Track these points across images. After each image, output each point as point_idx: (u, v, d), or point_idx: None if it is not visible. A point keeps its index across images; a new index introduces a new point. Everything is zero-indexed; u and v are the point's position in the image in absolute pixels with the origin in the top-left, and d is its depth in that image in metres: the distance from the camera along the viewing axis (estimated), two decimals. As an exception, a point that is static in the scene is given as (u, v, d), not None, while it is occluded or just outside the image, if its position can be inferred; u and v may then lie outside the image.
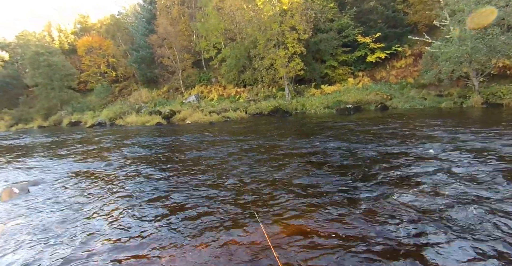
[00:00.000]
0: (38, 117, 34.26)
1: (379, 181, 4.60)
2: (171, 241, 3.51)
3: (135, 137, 14.78)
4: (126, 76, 36.76)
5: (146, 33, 30.79)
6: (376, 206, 3.66)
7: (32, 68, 34.49)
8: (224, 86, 26.51)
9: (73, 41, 41.92)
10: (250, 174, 5.92)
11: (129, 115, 24.41)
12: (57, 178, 7.53)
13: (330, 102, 17.74)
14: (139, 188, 5.91)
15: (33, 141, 17.75)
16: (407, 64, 19.30)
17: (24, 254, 3.73)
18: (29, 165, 10.04)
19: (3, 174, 8.96)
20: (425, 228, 3.03)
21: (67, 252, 3.58)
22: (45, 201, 5.69)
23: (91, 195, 5.76)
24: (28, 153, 13.16)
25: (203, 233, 3.60)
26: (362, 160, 5.97)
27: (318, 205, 3.97)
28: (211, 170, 6.59)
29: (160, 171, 7.07)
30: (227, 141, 10.69)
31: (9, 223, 4.83)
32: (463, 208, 3.34)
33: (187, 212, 4.36)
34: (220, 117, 19.14)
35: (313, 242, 3.01)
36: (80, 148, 12.89)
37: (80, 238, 3.92)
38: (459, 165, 4.96)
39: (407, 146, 6.81)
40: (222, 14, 26.51)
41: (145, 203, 5.01)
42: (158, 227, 3.97)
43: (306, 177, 5.23)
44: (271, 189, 4.89)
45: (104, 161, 9.11)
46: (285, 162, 6.55)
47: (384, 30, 19.70)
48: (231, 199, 4.68)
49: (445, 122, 9.71)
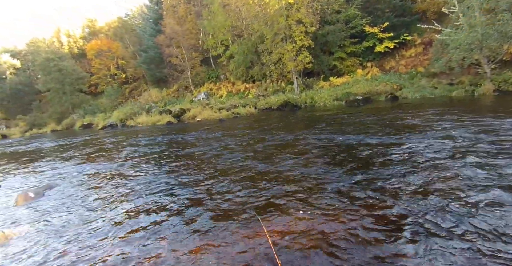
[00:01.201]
0: (51, 121, 35.29)
1: (399, 177, 4.44)
2: (182, 239, 3.57)
3: (146, 137, 15.02)
4: (136, 77, 37.38)
5: (153, 33, 31.23)
6: (390, 211, 3.49)
7: (43, 74, 35.55)
8: (233, 82, 26.70)
9: (82, 45, 42.86)
10: (260, 170, 5.94)
11: (139, 115, 24.92)
12: (71, 181, 7.64)
13: (339, 95, 17.67)
14: (151, 188, 5.96)
15: (47, 145, 18.21)
16: (417, 53, 19.07)
17: (40, 256, 3.80)
18: (44, 169, 10.24)
19: (18, 179, 9.16)
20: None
21: (82, 253, 3.66)
22: (59, 204, 5.79)
23: (105, 196, 5.85)
24: (42, 157, 13.40)
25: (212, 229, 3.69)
26: (373, 154, 5.88)
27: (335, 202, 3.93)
28: (220, 167, 6.63)
29: (171, 170, 7.14)
30: (236, 137, 10.74)
31: (25, 226, 4.92)
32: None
33: (199, 208, 4.45)
34: (230, 113, 19.29)
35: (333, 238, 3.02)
36: (92, 150, 13.09)
37: (94, 239, 3.99)
38: (484, 156, 4.78)
39: (418, 138, 6.67)
40: (228, 10, 26.66)
41: (158, 202, 5.06)
42: (171, 227, 4.00)
43: (318, 173, 5.15)
44: (281, 185, 4.87)
45: (116, 161, 9.27)
46: (294, 157, 6.55)
47: (392, 19, 19.50)
48: (242, 194, 4.74)
49: (456, 111, 9.62)
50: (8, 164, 12.78)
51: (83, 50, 41.25)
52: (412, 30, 19.49)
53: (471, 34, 13.60)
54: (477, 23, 13.47)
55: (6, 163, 13.12)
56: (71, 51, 42.32)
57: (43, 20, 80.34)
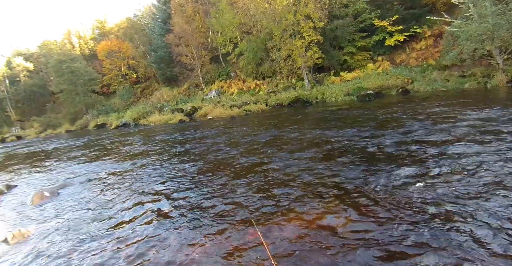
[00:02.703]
0: (65, 122, 35.74)
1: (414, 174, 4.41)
2: (194, 237, 3.68)
3: (159, 135, 15.09)
4: (147, 76, 37.77)
5: (162, 33, 31.61)
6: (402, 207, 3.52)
7: (56, 75, 36.08)
8: (243, 80, 26.96)
9: (93, 47, 43.27)
10: (272, 166, 6.03)
11: (152, 114, 25.07)
12: (85, 180, 7.76)
13: (350, 90, 17.66)
14: (163, 186, 6.04)
15: (62, 145, 18.44)
16: (428, 45, 19.04)
17: (55, 253, 3.90)
18: (58, 168, 10.39)
19: (34, 178, 9.32)
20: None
21: (96, 250, 3.76)
22: (74, 203, 5.91)
23: (118, 195, 5.93)
24: (57, 157, 13.58)
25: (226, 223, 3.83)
26: (386, 150, 5.87)
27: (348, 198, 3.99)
28: (233, 164, 6.72)
29: (183, 168, 7.22)
30: (248, 134, 10.81)
31: (41, 224, 5.05)
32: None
33: (211, 206, 4.54)
34: (241, 111, 19.40)
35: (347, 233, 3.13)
36: (105, 149, 13.27)
37: (108, 237, 4.08)
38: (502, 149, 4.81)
39: (434, 131, 6.67)
40: (236, 8, 26.90)
41: (169, 200, 5.16)
42: (184, 224, 4.09)
43: (334, 170, 5.16)
44: (294, 181, 4.95)
45: (129, 160, 9.39)
46: (307, 153, 6.60)
47: (401, 12, 19.48)
48: (255, 190, 4.83)
49: (469, 103, 9.67)
50: (24, 164, 13.08)
51: (94, 51, 41.67)
52: (422, 23, 19.43)
53: (482, 25, 13.50)
54: (488, 14, 13.38)
55: (22, 163, 13.40)
56: (82, 52, 42.91)
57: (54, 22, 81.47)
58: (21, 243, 4.39)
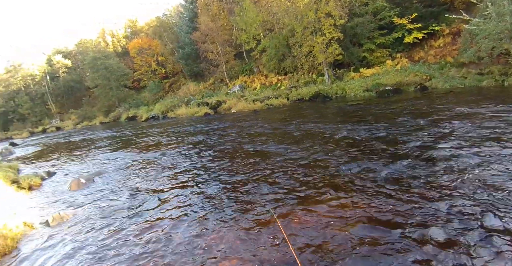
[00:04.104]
0: (100, 114, 38.04)
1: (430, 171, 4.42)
2: (221, 221, 3.88)
3: (185, 127, 15.45)
4: (175, 72, 39.15)
5: (189, 31, 32.81)
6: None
7: (91, 71, 38.19)
8: (265, 75, 27.61)
9: (125, 44, 45.19)
10: (295, 157, 6.14)
11: (179, 108, 26.18)
12: (118, 168, 8.02)
13: (369, 85, 17.89)
14: (188, 174, 6.24)
15: (96, 136, 19.46)
16: (446, 43, 19.09)
17: (92, 235, 4.09)
18: (94, 157, 10.81)
19: (72, 166, 9.76)
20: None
21: (129, 232, 3.97)
22: (108, 189, 6.13)
23: (149, 182, 6.14)
24: (92, 146, 14.15)
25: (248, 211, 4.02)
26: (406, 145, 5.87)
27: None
28: (256, 156, 6.81)
29: (209, 158, 7.40)
30: (269, 126, 10.93)
31: (78, 209, 5.29)
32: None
33: (235, 193, 4.74)
34: (263, 105, 19.84)
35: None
36: (136, 140, 13.63)
37: (140, 221, 4.27)
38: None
39: (454, 126, 6.66)
40: (259, 6, 27.64)
41: (194, 187, 5.35)
42: (211, 211, 4.23)
43: (359, 164, 5.16)
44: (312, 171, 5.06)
45: (158, 151, 9.59)
46: (328, 146, 6.66)
47: (420, 9, 19.60)
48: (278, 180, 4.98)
49: (488, 101, 9.63)
50: (63, 152, 13.78)
51: (126, 49, 43.47)
52: (440, 20, 19.44)
53: (500, 24, 13.56)
54: (506, 12, 13.39)
55: (61, 152, 14.14)
56: (115, 50, 44.92)
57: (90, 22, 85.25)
58: (60, 225, 4.63)
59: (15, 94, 45.64)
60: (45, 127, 39.63)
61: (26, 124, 44.48)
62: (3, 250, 4.02)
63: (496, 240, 2.74)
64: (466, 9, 16.35)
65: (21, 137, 36.07)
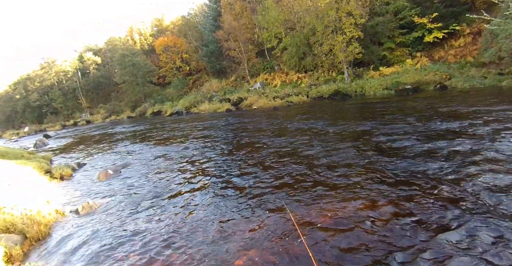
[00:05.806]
0: (127, 109, 39.67)
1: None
2: (233, 214, 3.90)
3: (208, 122, 15.67)
4: (198, 69, 40.32)
5: (213, 29, 33.79)
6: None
7: (120, 68, 39.97)
8: (286, 73, 28.10)
9: (152, 42, 46.85)
10: (313, 154, 6.14)
11: (202, 103, 27.08)
12: (143, 160, 8.14)
13: (388, 84, 17.87)
14: (209, 167, 6.36)
15: (123, 129, 20.13)
16: (466, 43, 19.06)
17: (120, 223, 4.15)
18: (121, 149, 11.06)
19: (100, 158, 10.00)
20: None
21: (154, 221, 4.02)
22: (134, 180, 6.25)
23: (173, 174, 6.23)
24: (120, 139, 14.47)
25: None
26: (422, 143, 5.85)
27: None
28: (277, 152, 6.77)
29: (229, 153, 7.49)
30: (290, 123, 11.00)
31: (107, 198, 5.42)
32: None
33: (252, 186, 4.77)
34: (284, 102, 20.08)
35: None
36: (161, 134, 13.84)
37: (164, 211, 4.31)
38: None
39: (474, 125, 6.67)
40: (281, 5, 28.12)
41: (216, 181, 5.35)
42: (226, 203, 4.28)
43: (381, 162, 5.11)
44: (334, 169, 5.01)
45: (182, 144, 9.75)
46: (346, 143, 6.68)
47: (441, 9, 19.61)
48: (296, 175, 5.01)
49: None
50: (92, 145, 14.21)
51: (152, 47, 45.05)
52: (461, 20, 19.38)
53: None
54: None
55: (90, 144, 14.60)
56: (142, 47, 46.67)
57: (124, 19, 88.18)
58: (89, 214, 4.73)
59: (48, 89, 48.70)
60: (76, 121, 41.94)
61: (58, 118, 47.39)
62: (37, 235, 4.23)
63: None
64: (487, 9, 16.38)
65: (54, 129, 38.29)
